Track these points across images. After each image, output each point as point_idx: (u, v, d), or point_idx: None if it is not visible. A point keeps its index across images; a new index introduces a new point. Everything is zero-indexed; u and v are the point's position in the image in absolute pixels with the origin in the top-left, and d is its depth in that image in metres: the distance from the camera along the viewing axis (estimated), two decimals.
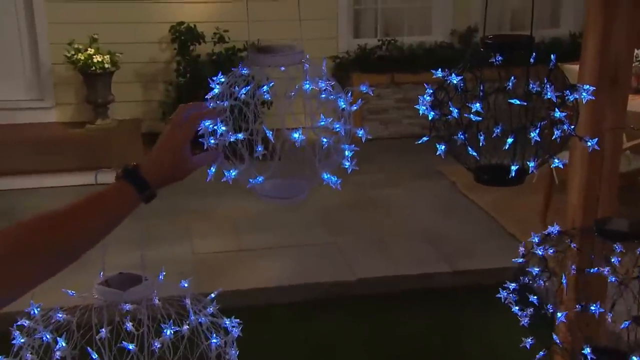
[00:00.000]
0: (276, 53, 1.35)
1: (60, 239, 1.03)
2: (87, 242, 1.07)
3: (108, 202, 1.12)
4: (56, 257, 1.02)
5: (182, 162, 1.19)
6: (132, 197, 1.13)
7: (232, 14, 6.15)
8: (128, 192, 1.13)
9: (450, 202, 5.05)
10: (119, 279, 1.40)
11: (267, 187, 1.45)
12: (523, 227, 4.42)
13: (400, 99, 6.44)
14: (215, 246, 4.41)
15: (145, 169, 1.15)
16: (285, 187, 1.46)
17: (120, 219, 1.12)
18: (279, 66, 1.31)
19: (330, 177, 1.35)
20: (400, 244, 4.40)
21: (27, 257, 0.99)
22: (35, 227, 1.02)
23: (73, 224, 1.06)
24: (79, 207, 1.08)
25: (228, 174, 1.34)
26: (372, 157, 5.65)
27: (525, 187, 1.65)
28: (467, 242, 4.40)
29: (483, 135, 1.57)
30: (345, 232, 4.57)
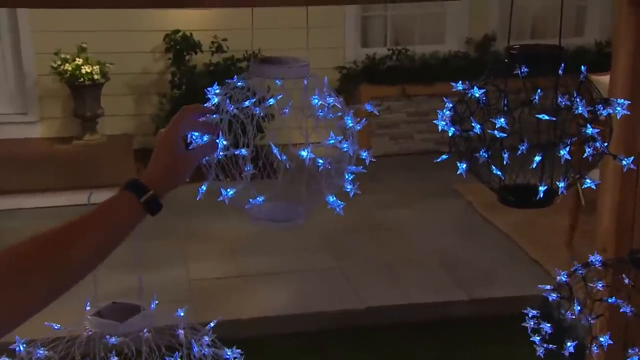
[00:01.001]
0: (281, 64, 1.34)
1: (55, 258, 1.02)
2: (88, 259, 1.07)
3: (105, 213, 1.12)
4: (54, 278, 1.02)
5: (178, 159, 1.21)
6: (131, 205, 1.13)
7: (230, 22, 6.16)
8: (126, 200, 1.13)
9: (467, 224, 5.02)
10: (112, 308, 1.37)
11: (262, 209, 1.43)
12: (547, 251, 4.39)
13: (412, 112, 6.43)
14: (212, 271, 4.38)
15: (144, 176, 1.17)
16: (282, 209, 1.44)
17: (122, 230, 1.12)
18: (283, 78, 1.30)
19: (336, 201, 1.34)
20: (411, 269, 4.37)
21: (21, 281, 0.98)
22: (28, 248, 1.02)
23: (68, 241, 1.05)
24: (74, 222, 1.08)
25: (225, 193, 1.33)
26: (381, 175, 5.62)
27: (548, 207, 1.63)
28: (486, 268, 4.36)
29: (507, 153, 1.54)
30: (352, 256, 4.55)
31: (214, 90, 1.33)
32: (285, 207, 1.40)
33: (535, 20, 6.84)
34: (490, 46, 6.62)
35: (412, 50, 6.52)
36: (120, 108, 6.15)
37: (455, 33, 6.76)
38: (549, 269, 4.17)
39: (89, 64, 5.70)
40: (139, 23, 6.08)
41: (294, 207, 1.40)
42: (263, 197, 1.34)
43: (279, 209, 1.40)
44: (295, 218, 1.39)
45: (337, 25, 6.38)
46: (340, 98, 1.38)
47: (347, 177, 1.34)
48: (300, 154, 1.29)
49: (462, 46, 6.69)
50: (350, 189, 1.35)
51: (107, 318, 1.35)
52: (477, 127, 1.47)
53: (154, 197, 1.15)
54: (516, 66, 1.54)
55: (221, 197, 1.34)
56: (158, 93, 6.20)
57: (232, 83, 1.37)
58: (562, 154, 1.42)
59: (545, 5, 6.81)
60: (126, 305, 1.41)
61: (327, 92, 1.35)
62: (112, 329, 1.30)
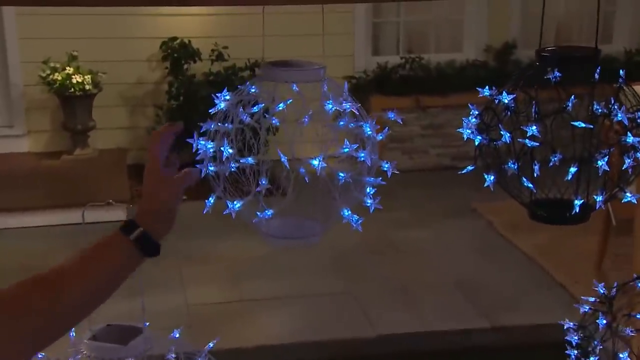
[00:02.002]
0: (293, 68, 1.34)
1: (44, 304, 1.05)
2: (80, 304, 1.10)
3: (97, 256, 1.15)
4: (42, 324, 1.04)
5: (160, 184, 1.24)
6: (122, 246, 1.16)
7: (232, 29, 6.18)
8: (118, 241, 1.16)
9: (488, 245, 5.00)
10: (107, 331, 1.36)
11: (274, 225, 1.42)
12: (574, 275, 4.37)
13: (427, 125, 6.43)
14: (213, 296, 4.37)
15: (136, 214, 1.20)
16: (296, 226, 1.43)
17: (115, 274, 1.15)
18: (297, 82, 1.29)
19: (352, 216, 1.33)
20: (428, 294, 4.35)
21: (10, 326, 1.00)
22: (19, 293, 1.05)
23: (58, 287, 1.08)
24: (64, 267, 1.10)
25: (231, 206, 1.33)
26: (394, 192, 5.59)
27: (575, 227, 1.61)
28: (508, 293, 4.34)
29: (538, 164, 1.53)
30: (363, 280, 4.53)
31: (224, 97, 1.32)
32: (300, 223, 1.39)
33: (559, 27, 6.85)
34: (511, 54, 6.63)
35: (427, 59, 6.53)
36: (113, 120, 6.16)
37: (473, 40, 6.77)
38: (575, 293, 4.14)
39: (80, 74, 5.71)
40: (133, 30, 6.11)
41: (309, 224, 1.39)
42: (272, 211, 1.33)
43: (293, 226, 1.39)
44: (311, 235, 1.38)
45: (347, 32, 6.39)
46: (357, 104, 1.38)
47: (368, 191, 1.33)
48: (312, 162, 1.28)
49: (480, 54, 6.71)
50: (370, 204, 1.34)
51: (104, 341, 1.34)
52: (507, 135, 1.46)
53: (144, 234, 1.16)
54: (548, 70, 1.53)
55: (227, 211, 1.33)
56: (154, 104, 6.21)
57: (243, 89, 1.36)
58: (600, 164, 1.41)
59: (569, 11, 6.83)
60: (122, 327, 1.41)
61: (345, 98, 1.34)
62: (114, 352, 1.29)
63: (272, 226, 1.37)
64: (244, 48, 5.94)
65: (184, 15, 6.21)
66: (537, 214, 1.56)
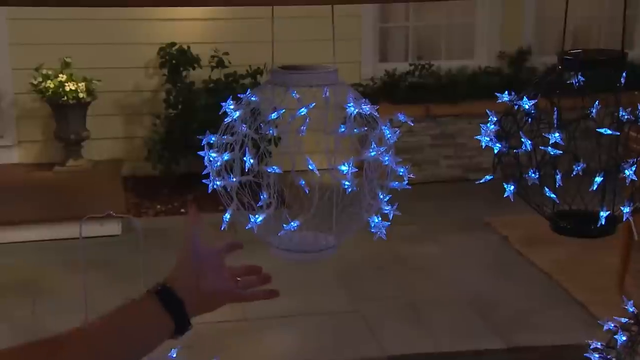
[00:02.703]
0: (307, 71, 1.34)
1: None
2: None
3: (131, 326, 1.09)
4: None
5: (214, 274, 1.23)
6: (163, 324, 1.11)
7: (233, 34, 6.20)
8: (159, 317, 1.11)
9: (502, 261, 4.98)
10: None
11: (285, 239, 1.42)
12: (594, 293, 4.35)
13: (437, 135, 6.42)
14: (213, 314, 4.33)
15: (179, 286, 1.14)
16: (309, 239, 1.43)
17: (145, 349, 1.09)
18: (311, 86, 1.29)
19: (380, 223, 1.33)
20: (439, 312, 4.34)
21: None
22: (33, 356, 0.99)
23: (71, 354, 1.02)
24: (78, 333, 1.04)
25: (253, 220, 1.32)
26: (403, 205, 5.58)
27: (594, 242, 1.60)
28: (524, 311, 4.32)
29: (560, 174, 1.53)
30: (371, 297, 4.52)
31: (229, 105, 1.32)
32: (313, 236, 1.38)
33: (577, 32, 6.86)
34: (526, 61, 6.63)
35: (437, 66, 6.54)
36: (108, 130, 6.17)
37: (485, 46, 6.78)
38: (595, 312, 4.12)
39: (74, 81, 5.73)
40: (130, 35, 6.13)
41: (322, 237, 1.38)
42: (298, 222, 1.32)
43: (305, 239, 1.38)
44: (325, 248, 1.37)
45: (353, 38, 6.40)
46: (375, 106, 1.37)
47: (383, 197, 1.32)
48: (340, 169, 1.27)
49: (493, 61, 6.71)
50: (388, 210, 1.33)
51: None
52: (528, 143, 1.45)
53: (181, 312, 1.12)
54: (570, 74, 1.53)
55: (249, 225, 1.32)
56: (151, 113, 6.22)
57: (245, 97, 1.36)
58: (627, 174, 1.40)
59: (587, 15, 6.84)
60: None
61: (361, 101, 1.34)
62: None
63: (285, 240, 1.36)
64: (246, 54, 5.95)
65: (183, 20, 6.23)
66: (560, 226, 1.56)
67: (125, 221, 5.34)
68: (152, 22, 6.16)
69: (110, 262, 4.86)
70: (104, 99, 5.99)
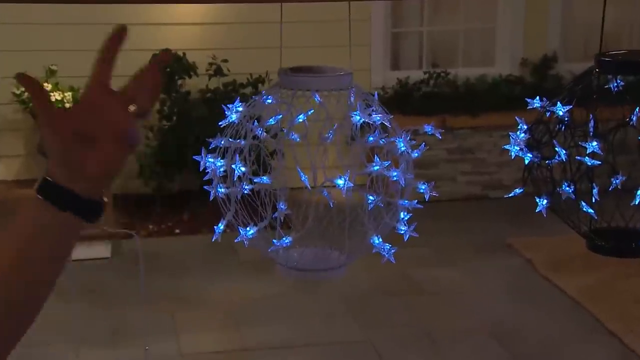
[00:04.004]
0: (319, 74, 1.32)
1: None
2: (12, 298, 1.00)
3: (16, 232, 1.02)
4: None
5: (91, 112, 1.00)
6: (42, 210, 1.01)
7: (232, 40, 6.20)
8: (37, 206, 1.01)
9: (526, 287, 4.96)
10: None
11: (293, 257, 1.41)
12: (629, 323, 4.32)
13: (454, 149, 6.41)
14: (210, 344, 4.34)
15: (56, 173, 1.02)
16: (318, 258, 1.42)
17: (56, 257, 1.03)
18: (323, 89, 1.27)
19: (383, 244, 1.32)
20: (458, 343, 4.32)
21: None
22: None
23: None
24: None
25: (244, 233, 1.31)
26: (418, 225, 5.59)
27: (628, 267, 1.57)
28: (551, 342, 4.30)
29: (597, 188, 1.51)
30: (383, 325, 4.50)
31: (236, 108, 1.30)
32: (322, 254, 1.37)
33: (607, 36, 6.85)
34: (551, 68, 6.62)
35: (454, 74, 6.53)
36: None
37: (507, 53, 6.78)
38: (630, 344, 4.09)
39: (60, 90, 5.72)
40: None
41: (333, 255, 1.37)
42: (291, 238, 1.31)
43: (314, 257, 1.37)
44: (335, 267, 1.36)
45: (363, 44, 6.40)
46: (390, 115, 1.36)
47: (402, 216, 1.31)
48: (336, 182, 1.26)
49: (515, 69, 6.70)
50: (405, 231, 1.32)
51: None
52: (562, 152, 1.43)
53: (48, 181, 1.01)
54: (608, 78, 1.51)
55: (239, 238, 1.30)
56: (143, 125, 6.21)
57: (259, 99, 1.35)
58: None
59: (616, 19, 6.83)
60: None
61: (375, 109, 1.33)
62: None
63: (292, 258, 1.35)
64: (246, 61, 5.94)
65: (178, 24, 6.24)
66: (597, 244, 1.53)
67: (116, 243, 5.33)
68: (144, 26, 6.16)
69: (100, 287, 4.85)
70: None
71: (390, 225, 1.31)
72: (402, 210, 1.31)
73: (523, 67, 6.71)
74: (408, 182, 1.30)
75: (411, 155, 1.32)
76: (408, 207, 1.31)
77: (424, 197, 1.39)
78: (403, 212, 1.31)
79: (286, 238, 1.29)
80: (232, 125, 1.34)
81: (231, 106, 1.32)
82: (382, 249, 1.28)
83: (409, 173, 1.30)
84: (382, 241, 1.30)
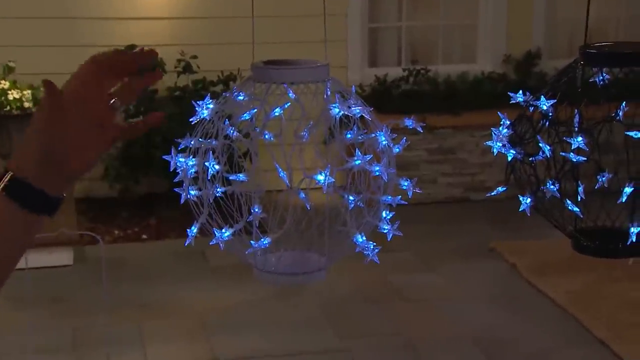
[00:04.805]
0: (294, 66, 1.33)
1: None
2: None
3: None
4: None
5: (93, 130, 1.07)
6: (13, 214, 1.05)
7: (202, 35, 6.19)
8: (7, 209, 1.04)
9: (510, 293, 4.98)
10: None
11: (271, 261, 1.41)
12: (616, 329, 4.35)
13: (435, 149, 6.44)
14: (178, 355, 4.33)
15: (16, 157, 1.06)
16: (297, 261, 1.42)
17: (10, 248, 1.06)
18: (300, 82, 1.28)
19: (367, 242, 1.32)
20: (440, 352, 4.33)
21: None
22: None
23: None
24: None
25: (219, 235, 1.31)
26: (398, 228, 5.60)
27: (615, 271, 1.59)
28: (537, 351, 4.32)
29: (583, 185, 1.52)
30: (362, 334, 4.50)
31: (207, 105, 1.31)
32: (301, 257, 1.37)
33: (592, 33, 6.91)
34: (534, 65, 6.67)
35: (434, 71, 6.56)
36: None
37: (489, 50, 6.82)
38: (619, 351, 4.12)
39: (18, 89, 5.69)
40: (83, 36, 6.11)
41: (312, 257, 1.37)
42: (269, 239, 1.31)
43: (293, 260, 1.37)
44: (315, 270, 1.36)
45: (339, 40, 6.41)
46: (369, 108, 1.36)
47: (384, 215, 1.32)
48: (316, 178, 1.27)
49: (498, 66, 6.75)
50: (388, 230, 1.33)
51: None
52: (547, 148, 1.45)
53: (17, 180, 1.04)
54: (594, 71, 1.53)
55: (214, 241, 1.30)
56: None
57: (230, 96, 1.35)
58: None
59: (600, 16, 6.89)
60: None
61: (354, 101, 1.33)
62: None
63: (269, 262, 1.35)
64: (217, 58, 5.94)
65: (144, 19, 6.22)
66: (583, 244, 1.55)
67: (78, 250, 5.31)
68: (108, 21, 6.15)
69: (61, 296, 4.82)
70: None
71: (372, 224, 1.31)
72: (384, 208, 1.32)
73: (506, 64, 6.75)
74: (391, 178, 1.31)
75: (392, 150, 1.32)
76: (391, 204, 1.32)
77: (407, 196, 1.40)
78: (385, 210, 1.32)
79: (264, 239, 1.29)
80: (203, 123, 1.34)
81: (201, 103, 1.32)
82: (366, 247, 1.29)
83: (391, 168, 1.31)
84: (365, 240, 1.30)
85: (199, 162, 1.27)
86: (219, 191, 1.32)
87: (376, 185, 1.32)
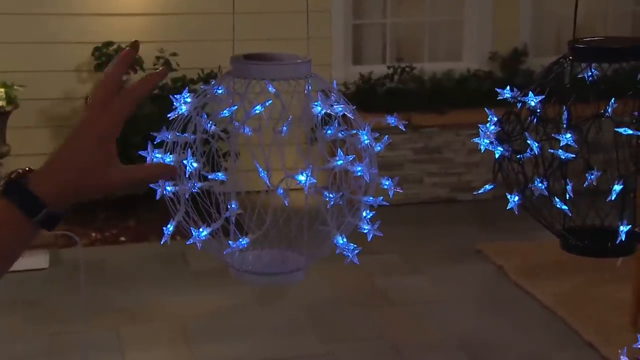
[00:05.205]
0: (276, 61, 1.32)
1: None
2: None
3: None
4: None
5: (101, 165, 1.11)
6: (17, 221, 1.06)
7: (182, 31, 6.18)
8: (10, 215, 1.06)
9: (497, 296, 5.00)
10: None
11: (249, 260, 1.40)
12: (605, 332, 4.36)
13: (420, 149, 6.45)
14: (157, 355, 4.30)
15: (38, 178, 1.07)
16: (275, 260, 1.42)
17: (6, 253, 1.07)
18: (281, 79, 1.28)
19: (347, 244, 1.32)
20: (425, 356, 4.33)
21: None
22: None
23: None
24: None
25: (196, 234, 1.30)
26: (382, 230, 5.60)
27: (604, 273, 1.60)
28: (526, 355, 4.33)
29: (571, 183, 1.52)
30: (346, 338, 4.51)
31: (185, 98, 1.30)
32: (280, 256, 1.37)
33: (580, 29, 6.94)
34: (521, 63, 6.69)
35: (420, 69, 6.57)
36: (33, 145, 6.09)
37: (475, 47, 6.84)
38: (608, 355, 4.13)
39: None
40: (59, 33, 6.08)
41: (291, 257, 1.37)
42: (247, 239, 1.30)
43: (271, 259, 1.36)
44: (293, 270, 1.36)
45: (321, 37, 6.41)
46: (352, 106, 1.36)
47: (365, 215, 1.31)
48: (297, 178, 1.26)
49: (484, 64, 6.76)
50: (368, 230, 1.33)
51: None
52: (535, 145, 1.44)
53: (50, 215, 1.07)
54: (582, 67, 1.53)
55: (191, 240, 1.30)
56: None
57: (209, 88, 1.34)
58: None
59: (589, 12, 6.92)
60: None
61: (336, 99, 1.33)
62: None
63: (247, 261, 1.34)
64: (197, 55, 5.92)
65: (122, 15, 6.20)
66: (571, 243, 1.55)
67: (54, 253, 5.28)
68: (85, 17, 6.12)
69: (36, 300, 4.79)
70: (28, 107, 5.92)
71: (352, 224, 1.31)
72: (365, 208, 1.31)
73: (492, 61, 6.77)
74: (372, 178, 1.30)
75: (374, 149, 1.32)
76: (373, 205, 1.31)
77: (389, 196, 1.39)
78: (366, 210, 1.31)
79: (242, 239, 1.28)
80: (181, 118, 1.33)
81: (179, 97, 1.31)
82: (346, 249, 1.28)
83: (372, 168, 1.31)
84: (346, 241, 1.29)
85: (176, 158, 1.26)
86: (196, 186, 1.31)
87: (357, 185, 1.31)
